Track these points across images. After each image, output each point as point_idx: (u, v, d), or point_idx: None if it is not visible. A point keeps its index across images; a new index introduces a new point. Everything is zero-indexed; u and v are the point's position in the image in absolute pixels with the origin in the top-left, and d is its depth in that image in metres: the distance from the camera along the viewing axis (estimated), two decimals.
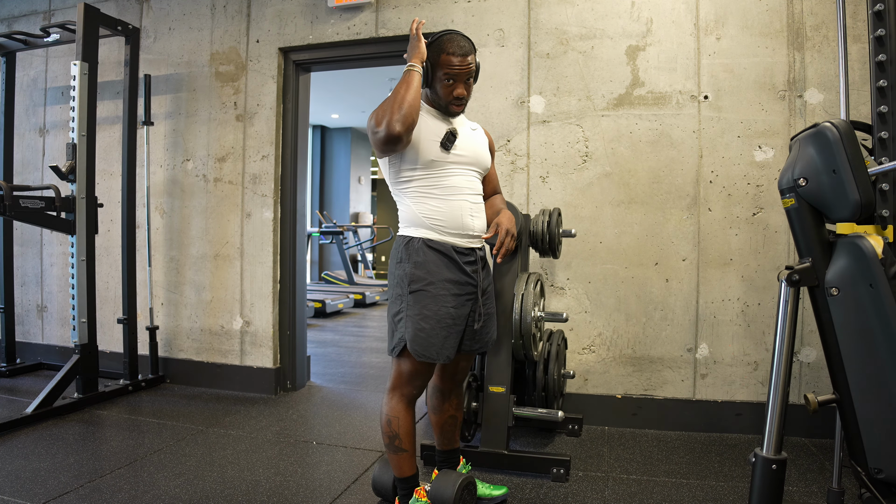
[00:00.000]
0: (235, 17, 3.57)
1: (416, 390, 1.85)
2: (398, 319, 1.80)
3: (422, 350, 1.76)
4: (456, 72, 1.79)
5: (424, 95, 1.89)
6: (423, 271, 1.78)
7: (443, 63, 1.79)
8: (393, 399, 1.84)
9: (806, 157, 1.56)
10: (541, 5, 3.05)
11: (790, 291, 1.57)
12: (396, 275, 1.82)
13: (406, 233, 1.84)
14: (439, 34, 1.82)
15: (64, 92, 4.01)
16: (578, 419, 2.84)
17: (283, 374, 3.57)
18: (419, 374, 1.83)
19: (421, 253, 1.79)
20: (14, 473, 2.28)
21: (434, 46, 1.81)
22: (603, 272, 2.98)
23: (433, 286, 1.77)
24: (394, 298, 1.83)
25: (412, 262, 1.79)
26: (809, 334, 2.76)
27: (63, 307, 4.03)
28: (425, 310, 1.77)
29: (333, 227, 8.62)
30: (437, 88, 1.83)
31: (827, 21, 2.73)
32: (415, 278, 1.78)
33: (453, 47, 1.79)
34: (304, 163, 3.68)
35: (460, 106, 1.86)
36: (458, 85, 1.81)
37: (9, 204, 2.77)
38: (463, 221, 1.83)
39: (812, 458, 2.52)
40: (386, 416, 1.84)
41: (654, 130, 2.92)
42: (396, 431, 1.82)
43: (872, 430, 1.49)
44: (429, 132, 1.81)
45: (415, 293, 1.77)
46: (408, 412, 1.84)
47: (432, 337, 1.77)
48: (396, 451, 1.83)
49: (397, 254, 1.84)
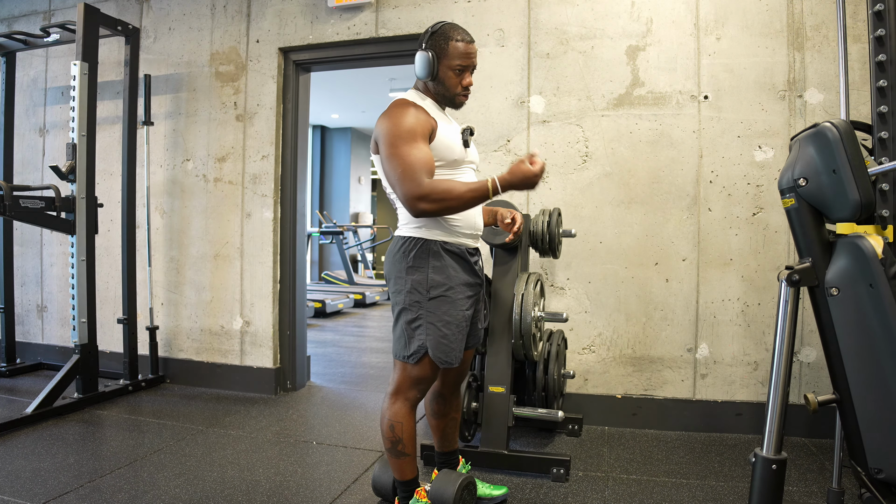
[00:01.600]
0: (235, 17, 3.57)
1: (421, 394, 1.82)
2: (415, 326, 1.74)
3: (444, 356, 1.75)
4: (465, 62, 1.74)
5: (426, 87, 1.82)
6: (443, 276, 1.73)
7: (451, 52, 1.73)
8: (396, 403, 1.79)
9: (806, 157, 1.56)
10: (541, 5, 3.05)
11: (790, 291, 1.57)
12: (410, 280, 1.74)
13: (416, 234, 1.76)
14: (439, 24, 1.77)
15: (64, 92, 4.01)
16: (578, 419, 2.83)
17: (283, 374, 3.57)
18: (429, 379, 1.81)
19: (439, 257, 1.74)
20: (14, 473, 2.28)
21: (438, 35, 1.75)
22: (603, 272, 2.98)
23: (453, 291, 1.74)
24: (408, 305, 1.75)
25: (431, 267, 1.73)
26: (809, 334, 2.76)
27: (63, 307, 4.03)
28: (446, 316, 1.74)
29: (333, 227, 8.62)
30: (444, 79, 1.76)
31: (827, 21, 2.73)
32: (435, 284, 1.73)
33: (460, 34, 1.74)
34: (304, 163, 3.68)
35: (467, 97, 1.82)
36: (467, 74, 1.77)
37: (9, 204, 2.77)
38: (475, 221, 1.83)
39: (812, 458, 2.52)
40: (389, 420, 1.79)
41: (654, 130, 2.92)
42: (400, 436, 1.78)
43: (872, 430, 1.49)
44: (449, 131, 1.77)
45: (435, 299, 1.73)
46: (411, 416, 1.80)
47: (452, 342, 1.76)
48: (399, 455, 1.81)
49: (407, 258, 1.75)
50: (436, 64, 1.74)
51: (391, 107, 1.74)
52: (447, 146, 1.75)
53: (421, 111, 1.72)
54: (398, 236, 1.82)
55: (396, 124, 1.67)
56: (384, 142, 1.68)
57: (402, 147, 1.63)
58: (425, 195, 1.60)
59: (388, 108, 1.74)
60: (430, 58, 1.73)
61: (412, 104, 1.74)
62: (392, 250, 1.82)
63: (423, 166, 1.62)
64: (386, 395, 1.84)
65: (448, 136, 1.76)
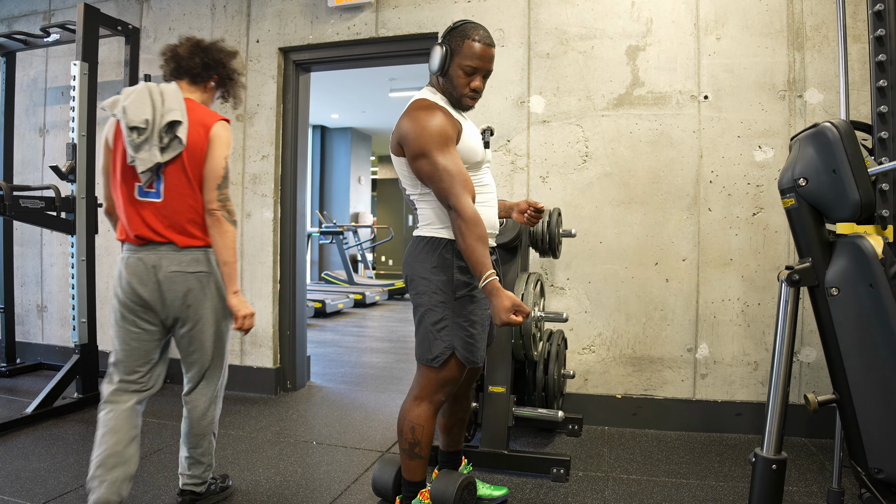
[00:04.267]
0: (235, 17, 3.57)
1: (446, 397, 1.81)
2: (441, 327, 1.72)
3: (471, 356, 1.74)
4: (478, 63, 1.69)
5: (438, 83, 1.77)
6: (468, 276, 1.71)
7: (465, 50, 1.68)
8: (421, 407, 1.77)
9: (806, 157, 1.56)
10: (541, 5, 3.05)
11: (790, 291, 1.57)
12: (435, 281, 1.72)
13: (439, 234, 1.73)
14: (462, 21, 1.73)
15: (64, 92, 4.01)
16: (578, 419, 2.84)
17: (283, 374, 3.57)
18: (456, 381, 1.79)
19: (462, 257, 1.69)
20: (14, 473, 2.28)
21: (458, 31, 1.70)
22: (603, 272, 2.98)
23: (477, 290, 1.72)
24: (433, 306, 1.72)
25: (456, 267, 1.71)
26: (809, 334, 2.76)
27: (63, 307, 4.03)
28: (472, 315, 1.73)
29: (333, 227, 8.62)
30: (452, 77, 1.71)
31: (827, 21, 2.73)
32: (460, 284, 1.71)
33: (479, 35, 1.69)
34: (304, 163, 3.68)
35: (475, 100, 1.76)
36: (478, 77, 1.72)
37: (9, 204, 2.77)
38: (494, 221, 1.84)
39: (812, 458, 2.52)
40: (410, 422, 1.77)
41: (654, 130, 2.92)
42: (419, 439, 1.77)
43: (872, 430, 1.49)
44: (472, 133, 1.76)
45: (461, 299, 1.72)
46: (433, 420, 1.78)
47: (479, 342, 1.76)
48: (414, 457, 1.80)
49: (431, 258, 1.73)
50: (448, 60, 1.70)
51: (417, 109, 1.69)
52: (471, 148, 1.74)
53: (447, 114, 1.68)
54: (419, 236, 1.78)
55: (427, 128, 1.63)
56: (414, 146, 1.64)
57: (439, 156, 1.61)
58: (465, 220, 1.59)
59: (413, 109, 1.70)
60: (444, 52, 1.69)
61: (438, 107, 1.69)
62: (413, 251, 1.78)
63: (464, 183, 1.61)
64: (409, 397, 1.81)
65: (472, 138, 1.75)
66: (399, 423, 1.81)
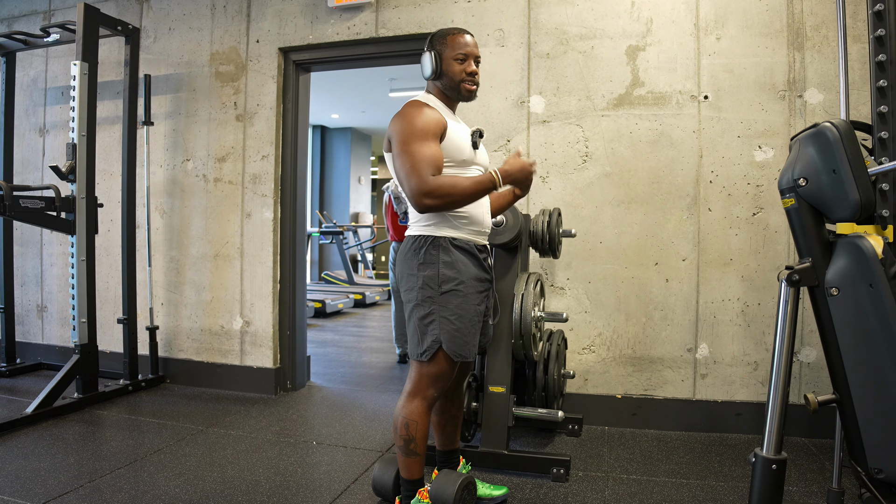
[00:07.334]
0: (235, 17, 3.57)
1: (438, 393, 1.83)
2: (428, 322, 1.77)
3: (458, 350, 1.78)
4: (467, 50, 1.83)
5: (434, 87, 1.89)
6: (453, 271, 1.77)
7: (451, 44, 1.83)
8: (413, 402, 1.80)
9: (806, 157, 1.56)
10: (541, 5, 3.05)
11: (790, 291, 1.57)
12: (422, 276, 1.78)
13: (425, 232, 1.81)
14: (438, 30, 1.89)
15: (64, 92, 4.01)
16: (578, 419, 2.83)
17: (283, 374, 3.57)
18: (447, 376, 1.82)
19: (448, 252, 1.78)
20: (14, 473, 2.28)
21: (438, 35, 1.86)
22: (603, 272, 2.98)
23: (463, 285, 1.78)
24: (420, 301, 1.78)
25: (441, 262, 1.77)
26: (809, 334, 2.76)
27: (63, 307, 4.03)
28: (458, 309, 1.77)
29: (333, 227, 8.62)
30: (448, 71, 1.84)
31: (827, 21, 2.73)
32: (446, 278, 1.77)
33: (457, 30, 1.86)
34: (304, 163, 3.68)
35: (474, 84, 1.86)
36: (470, 62, 1.84)
37: (9, 204, 2.77)
38: (484, 219, 1.88)
39: (812, 458, 2.52)
40: (404, 419, 1.80)
41: (654, 130, 2.92)
42: (413, 435, 1.80)
43: (872, 430, 1.49)
44: (459, 131, 1.83)
45: (447, 293, 1.77)
46: (426, 416, 1.81)
47: (466, 336, 1.79)
48: (410, 454, 1.82)
49: (418, 255, 1.79)
50: (439, 60, 1.83)
51: (405, 107, 1.80)
52: (457, 146, 1.80)
53: (433, 111, 1.78)
54: (408, 236, 1.87)
55: (409, 122, 1.72)
56: (396, 139, 1.74)
57: (413, 144, 1.70)
58: (430, 191, 1.65)
59: (402, 108, 1.80)
60: (433, 55, 1.83)
61: (425, 104, 1.80)
62: (402, 250, 1.87)
63: (430, 163, 1.67)
64: (402, 394, 1.85)
65: (458, 135, 1.81)
66: (394, 420, 1.85)
